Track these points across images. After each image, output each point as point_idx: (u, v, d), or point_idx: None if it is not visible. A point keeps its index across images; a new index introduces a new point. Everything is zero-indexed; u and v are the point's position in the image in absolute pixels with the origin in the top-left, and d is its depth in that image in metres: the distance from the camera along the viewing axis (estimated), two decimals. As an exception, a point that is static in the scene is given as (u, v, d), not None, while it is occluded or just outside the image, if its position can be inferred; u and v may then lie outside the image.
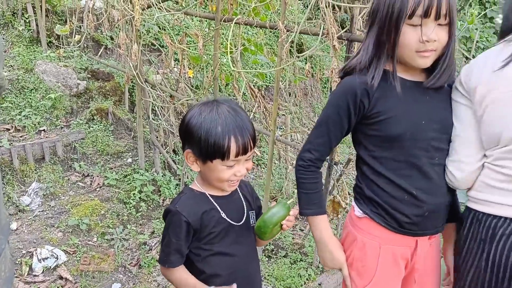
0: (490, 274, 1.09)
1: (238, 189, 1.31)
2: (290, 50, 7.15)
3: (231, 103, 1.21)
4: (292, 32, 2.08)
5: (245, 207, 1.30)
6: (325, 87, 7.12)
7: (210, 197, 1.23)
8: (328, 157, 2.35)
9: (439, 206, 1.20)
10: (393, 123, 1.15)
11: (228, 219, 1.23)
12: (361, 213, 1.24)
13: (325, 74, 2.06)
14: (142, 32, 4.10)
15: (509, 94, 1.04)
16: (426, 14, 1.05)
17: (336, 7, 2.22)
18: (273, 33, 5.37)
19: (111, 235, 2.73)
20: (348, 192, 2.53)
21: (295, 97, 6.27)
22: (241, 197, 1.32)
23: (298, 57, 2.14)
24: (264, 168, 3.90)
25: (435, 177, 1.18)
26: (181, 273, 1.21)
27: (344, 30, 2.04)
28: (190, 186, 1.28)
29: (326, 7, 1.90)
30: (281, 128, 4.79)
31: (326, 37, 1.97)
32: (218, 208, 1.22)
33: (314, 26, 2.60)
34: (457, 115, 1.19)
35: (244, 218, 1.28)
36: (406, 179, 1.17)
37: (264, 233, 1.22)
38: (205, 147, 1.13)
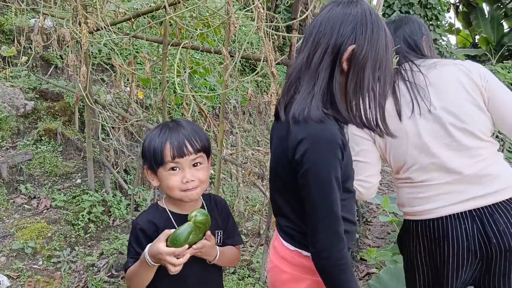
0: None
1: (206, 208, 1.32)
2: (244, 69, 7.26)
3: (183, 120, 1.28)
4: (234, 57, 2.20)
5: None
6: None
7: (170, 214, 1.26)
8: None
9: None
10: (349, 164, 1.18)
11: None
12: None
13: (265, 98, 2.16)
14: (94, 52, 4.11)
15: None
16: None
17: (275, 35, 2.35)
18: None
19: (58, 257, 2.69)
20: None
21: (250, 115, 6.41)
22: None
23: (243, 81, 2.26)
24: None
25: None
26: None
27: (284, 56, 2.19)
28: (158, 202, 1.34)
29: (264, 36, 2.03)
30: (234, 146, 4.89)
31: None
32: (175, 224, 1.23)
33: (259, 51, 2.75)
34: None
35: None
36: (351, 212, 1.23)
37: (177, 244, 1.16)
38: (149, 158, 1.22)
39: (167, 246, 1.13)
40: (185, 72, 2.71)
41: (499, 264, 1.42)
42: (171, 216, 1.26)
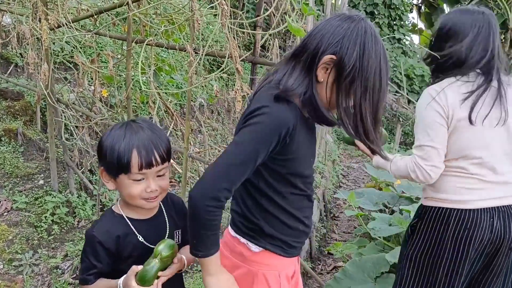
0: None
1: (164, 209, 1.30)
2: (212, 68, 7.26)
3: (145, 122, 1.22)
4: (198, 54, 2.20)
5: (168, 229, 1.28)
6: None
7: (127, 220, 1.22)
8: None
9: None
10: (301, 162, 1.19)
11: (146, 243, 1.22)
12: (259, 248, 1.23)
13: (230, 94, 2.17)
14: (56, 50, 4.01)
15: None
16: None
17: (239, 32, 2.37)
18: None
19: (20, 261, 2.61)
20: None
21: (218, 114, 6.40)
22: (166, 218, 1.30)
23: (207, 77, 2.26)
24: (184, 185, 3.94)
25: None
26: (101, 282, 1.20)
27: (249, 53, 2.20)
28: (112, 208, 1.26)
29: (228, 32, 2.04)
30: (203, 145, 4.87)
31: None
32: (135, 232, 1.21)
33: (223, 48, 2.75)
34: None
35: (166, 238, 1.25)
36: (301, 210, 1.25)
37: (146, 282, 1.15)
38: (110, 162, 1.15)
39: (136, 282, 1.12)
40: (150, 69, 2.69)
41: (500, 260, 1.62)
42: (129, 223, 1.22)
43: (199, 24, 2.16)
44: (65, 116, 3.20)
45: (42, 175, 3.35)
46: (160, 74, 3.04)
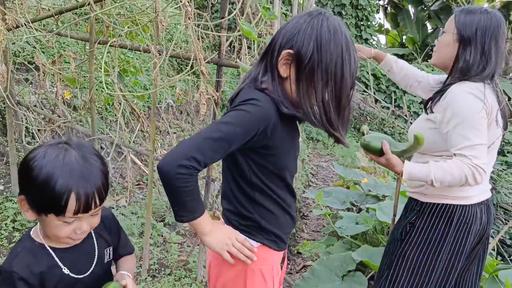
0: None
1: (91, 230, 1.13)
2: (181, 69, 7.17)
3: (84, 148, 1.04)
4: (162, 56, 2.17)
5: (96, 252, 1.16)
6: (216, 103, 7.31)
7: (50, 250, 1.07)
8: (205, 175, 2.47)
9: None
10: (285, 155, 1.22)
11: (72, 275, 1.09)
12: (257, 243, 1.25)
13: (195, 97, 2.16)
14: (16, 50, 3.86)
15: None
16: None
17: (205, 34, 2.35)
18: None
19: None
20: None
21: (187, 114, 6.35)
22: (94, 239, 1.17)
23: (171, 80, 2.24)
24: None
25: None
26: None
27: (214, 55, 2.19)
28: (31, 233, 1.10)
29: (192, 34, 2.02)
30: (171, 146, 4.82)
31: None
32: (60, 264, 1.08)
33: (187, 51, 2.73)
34: None
35: (95, 263, 1.15)
36: (288, 203, 1.28)
37: None
38: (39, 198, 0.98)
39: None
40: (114, 71, 2.64)
41: (478, 249, 1.71)
42: (53, 254, 1.07)
43: (163, 26, 2.14)
44: (26, 119, 3.09)
45: (1, 180, 3.23)
46: (125, 75, 2.99)
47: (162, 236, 3.19)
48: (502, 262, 3.18)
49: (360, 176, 4.30)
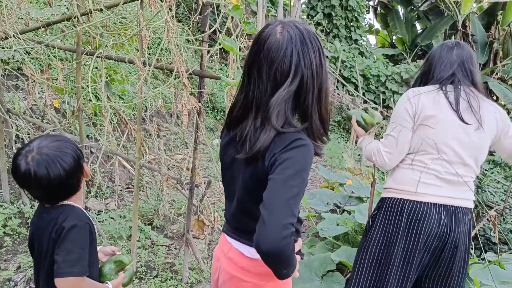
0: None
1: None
2: (168, 75, 7.22)
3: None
4: (149, 66, 2.27)
5: None
6: (207, 106, 7.41)
7: (85, 211, 1.36)
8: (189, 181, 2.57)
9: None
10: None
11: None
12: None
13: (178, 108, 2.26)
14: (7, 58, 3.94)
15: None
16: None
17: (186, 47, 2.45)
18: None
19: (-30, 275, 2.60)
20: (217, 211, 2.77)
21: (177, 117, 6.43)
22: None
23: (154, 91, 2.33)
24: (141, 192, 3.98)
25: None
26: (90, 280, 1.30)
27: (193, 68, 2.29)
28: (69, 203, 1.33)
29: (174, 48, 2.12)
30: (162, 150, 4.90)
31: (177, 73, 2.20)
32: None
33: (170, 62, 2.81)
34: None
35: None
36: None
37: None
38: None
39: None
40: (101, 80, 2.73)
41: (446, 255, 1.80)
42: (86, 213, 1.37)
43: (147, 40, 2.24)
44: (16, 126, 3.17)
45: (-7, 186, 3.31)
46: (112, 84, 3.08)
47: (150, 239, 3.29)
48: (481, 260, 3.27)
49: (345, 178, 4.41)
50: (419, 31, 14.98)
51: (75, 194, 1.35)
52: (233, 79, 2.22)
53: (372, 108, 11.64)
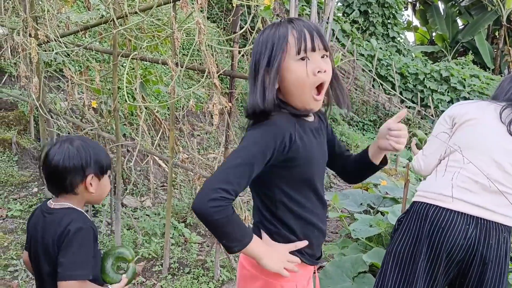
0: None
1: None
2: (202, 75, 7.33)
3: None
4: (182, 67, 2.31)
5: None
6: (241, 105, 7.47)
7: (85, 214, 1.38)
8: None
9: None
10: (310, 165, 1.21)
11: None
12: None
13: (209, 108, 2.29)
14: (49, 60, 4.12)
15: None
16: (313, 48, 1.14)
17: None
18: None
19: (15, 266, 2.74)
20: (248, 210, 2.79)
21: (211, 116, 6.52)
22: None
23: (186, 91, 2.38)
24: (175, 190, 4.06)
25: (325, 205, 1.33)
26: (93, 284, 1.31)
27: (227, 67, 2.32)
28: (72, 206, 1.34)
29: (206, 49, 2.16)
30: (197, 148, 4.99)
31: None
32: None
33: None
34: None
35: None
36: (316, 215, 1.27)
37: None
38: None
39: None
40: (136, 81, 2.81)
41: (475, 271, 1.68)
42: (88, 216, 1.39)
43: (179, 41, 2.28)
44: (58, 125, 3.32)
45: (36, 183, 3.47)
46: (147, 85, 3.16)
47: (183, 236, 3.36)
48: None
49: (379, 179, 4.33)
50: (460, 27, 14.45)
51: (74, 196, 1.35)
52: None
53: (409, 107, 11.38)
